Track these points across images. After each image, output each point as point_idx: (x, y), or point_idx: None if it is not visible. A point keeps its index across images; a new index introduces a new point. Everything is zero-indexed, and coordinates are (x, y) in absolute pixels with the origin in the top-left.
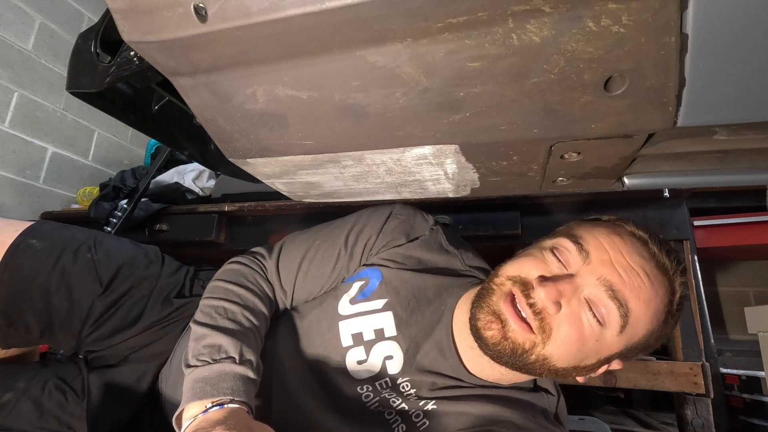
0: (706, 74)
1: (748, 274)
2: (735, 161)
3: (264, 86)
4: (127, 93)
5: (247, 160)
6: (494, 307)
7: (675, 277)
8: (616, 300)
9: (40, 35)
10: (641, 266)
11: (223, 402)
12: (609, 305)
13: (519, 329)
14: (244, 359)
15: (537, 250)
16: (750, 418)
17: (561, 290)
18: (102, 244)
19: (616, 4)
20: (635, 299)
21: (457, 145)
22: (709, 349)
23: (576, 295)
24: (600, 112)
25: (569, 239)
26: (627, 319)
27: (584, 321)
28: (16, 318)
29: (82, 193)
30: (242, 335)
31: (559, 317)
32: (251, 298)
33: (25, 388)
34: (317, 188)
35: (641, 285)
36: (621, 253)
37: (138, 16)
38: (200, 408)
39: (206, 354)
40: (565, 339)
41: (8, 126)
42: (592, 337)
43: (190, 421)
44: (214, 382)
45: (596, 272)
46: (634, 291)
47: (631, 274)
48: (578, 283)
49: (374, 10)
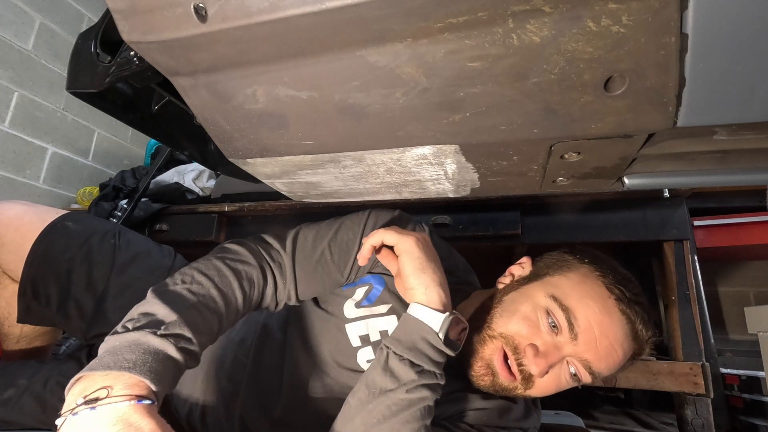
0: (706, 74)
1: (748, 274)
2: (735, 161)
3: (264, 86)
4: (127, 93)
5: (247, 160)
6: (488, 361)
7: (645, 346)
8: (592, 374)
9: (40, 35)
10: (621, 344)
11: (114, 381)
12: (584, 374)
13: (507, 380)
14: (170, 333)
15: (532, 311)
16: (750, 418)
17: (550, 363)
18: (125, 234)
19: (616, 4)
20: (607, 370)
21: (457, 145)
22: (709, 349)
23: (560, 363)
24: (600, 112)
25: (563, 312)
26: (596, 378)
27: (562, 377)
28: (41, 287)
29: (82, 193)
30: (191, 310)
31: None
32: (232, 283)
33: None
34: (317, 188)
35: (615, 360)
36: (606, 335)
37: (138, 16)
38: (85, 386)
39: (134, 321)
40: (544, 387)
41: (8, 126)
42: (566, 387)
43: (70, 405)
44: (118, 352)
45: (579, 354)
46: (608, 364)
47: (610, 353)
48: (563, 353)
49: (374, 10)
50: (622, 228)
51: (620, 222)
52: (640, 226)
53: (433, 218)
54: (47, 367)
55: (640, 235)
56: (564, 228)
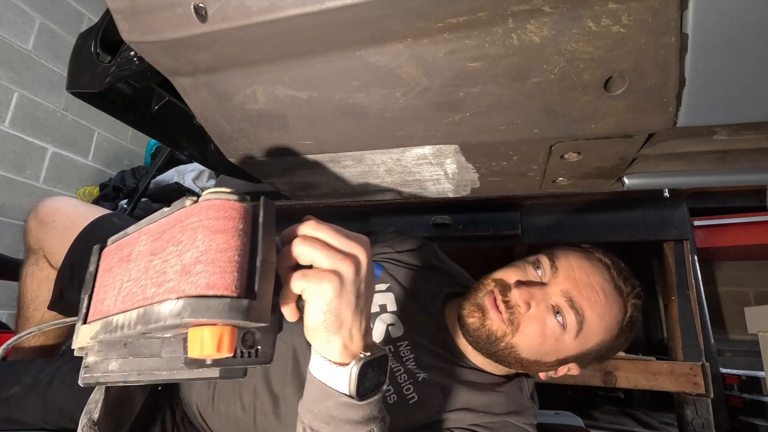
0: (706, 74)
1: (748, 274)
2: (735, 161)
3: (264, 86)
4: (127, 93)
5: (247, 160)
6: (479, 301)
7: (628, 298)
8: (574, 309)
9: (40, 35)
10: (600, 285)
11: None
12: (568, 312)
13: (494, 318)
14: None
15: (521, 262)
16: (750, 418)
17: (532, 293)
18: None
19: (616, 4)
20: (590, 311)
21: (457, 145)
22: (709, 349)
23: (544, 301)
24: (600, 112)
25: (546, 256)
26: (582, 326)
27: (548, 323)
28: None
29: (82, 193)
30: None
31: (527, 316)
32: None
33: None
34: (317, 188)
35: (597, 300)
36: (585, 273)
37: (138, 16)
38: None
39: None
40: (531, 333)
41: (8, 126)
42: (552, 337)
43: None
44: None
45: (561, 284)
46: (590, 304)
47: (590, 290)
48: (547, 291)
49: (374, 10)
50: (622, 228)
51: (620, 222)
52: (640, 226)
53: (433, 218)
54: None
55: (640, 235)
56: (564, 228)
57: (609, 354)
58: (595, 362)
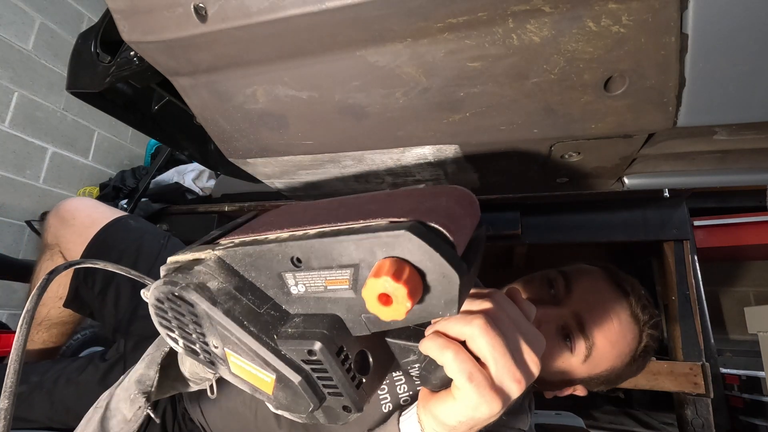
0: (706, 74)
1: (748, 274)
2: (735, 161)
3: (264, 86)
4: (127, 93)
5: (247, 160)
6: None
7: (644, 328)
8: (583, 333)
9: (40, 35)
10: (616, 312)
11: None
12: (578, 336)
13: None
14: None
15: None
16: (750, 418)
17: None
18: (173, 240)
19: (616, 4)
20: (602, 337)
21: (457, 145)
22: (709, 349)
23: (554, 322)
24: (600, 112)
25: (562, 276)
26: (591, 351)
27: (554, 345)
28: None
29: (82, 193)
30: None
31: None
32: None
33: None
34: (317, 188)
35: (610, 327)
36: (601, 297)
37: (138, 16)
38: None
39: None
40: None
41: (8, 126)
42: (558, 359)
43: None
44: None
45: (573, 307)
46: (602, 330)
47: (603, 316)
48: (557, 312)
49: (374, 10)
50: (622, 228)
51: (620, 222)
52: (640, 226)
53: None
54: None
55: (640, 235)
56: (564, 228)
57: (618, 381)
58: (603, 386)
